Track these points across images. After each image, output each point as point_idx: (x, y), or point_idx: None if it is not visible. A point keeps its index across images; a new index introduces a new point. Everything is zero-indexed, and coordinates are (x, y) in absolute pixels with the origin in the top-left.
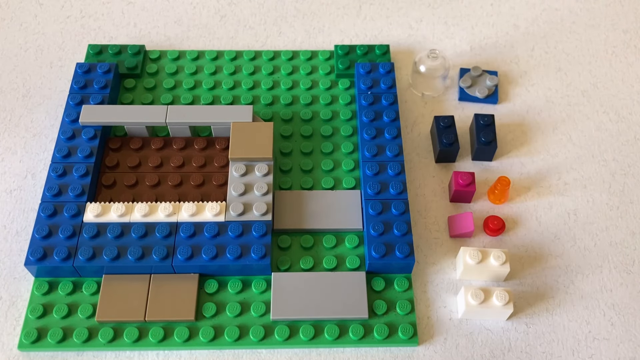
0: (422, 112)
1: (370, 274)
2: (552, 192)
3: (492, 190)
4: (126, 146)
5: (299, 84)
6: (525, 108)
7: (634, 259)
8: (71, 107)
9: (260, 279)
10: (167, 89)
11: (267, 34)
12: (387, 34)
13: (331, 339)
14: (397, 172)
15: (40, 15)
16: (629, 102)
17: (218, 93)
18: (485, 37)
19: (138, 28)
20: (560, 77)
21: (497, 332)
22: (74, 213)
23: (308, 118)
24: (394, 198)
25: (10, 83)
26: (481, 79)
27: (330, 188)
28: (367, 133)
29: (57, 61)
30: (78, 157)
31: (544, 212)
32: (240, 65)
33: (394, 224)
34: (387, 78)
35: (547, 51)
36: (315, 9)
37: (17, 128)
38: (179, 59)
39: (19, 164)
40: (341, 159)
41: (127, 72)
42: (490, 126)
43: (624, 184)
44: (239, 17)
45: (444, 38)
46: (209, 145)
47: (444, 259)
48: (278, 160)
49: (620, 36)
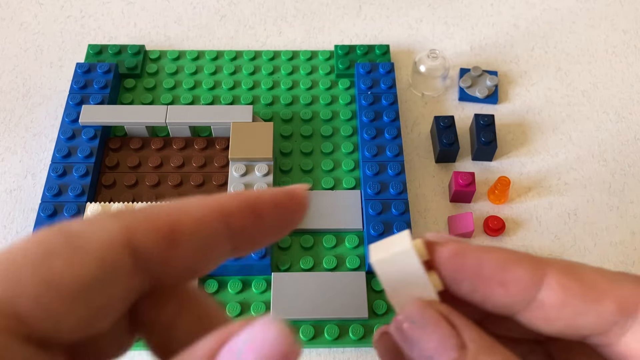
0: (422, 112)
1: (370, 274)
2: (552, 192)
3: (492, 191)
4: (126, 146)
5: (299, 84)
6: (525, 108)
7: (634, 259)
8: (71, 107)
9: (260, 279)
10: (167, 89)
11: (267, 34)
12: (387, 34)
13: (331, 339)
14: (397, 172)
15: (40, 15)
16: (629, 102)
17: (218, 93)
18: (485, 37)
19: (138, 28)
20: (560, 77)
21: None
22: (74, 213)
23: (308, 118)
24: (394, 198)
25: (10, 83)
26: (481, 79)
27: (330, 188)
28: (367, 133)
29: (57, 61)
30: (78, 157)
31: (544, 212)
32: (240, 65)
33: (394, 224)
34: (387, 78)
35: (547, 51)
36: (315, 9)
37: (17, 128)
38: (179, 59)
39: (18, 164)
40: (341, 159)
41: (127, 72)
42: (490, 126)
43: (624, 184)
44: (239, 17)
45: (444, 38)
46: (209, 145)
47: None
48: (278, 160)
49: (620, 36)
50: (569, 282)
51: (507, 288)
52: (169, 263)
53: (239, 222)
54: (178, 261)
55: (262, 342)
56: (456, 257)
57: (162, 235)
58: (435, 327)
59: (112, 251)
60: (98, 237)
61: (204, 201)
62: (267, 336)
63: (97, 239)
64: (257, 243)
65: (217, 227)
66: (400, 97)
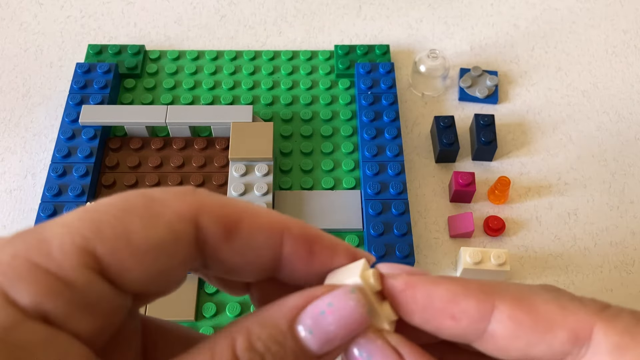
0: (422, 112)
1: None
2: (552, 192)
3: (492, 191)
4: (126, 146)
5: (299, 84)
6: (525, 108)
7: (634, 259)
8: (71, 107)
9: None
10: (167, 89)
11: (267, 34)
12: (387, 34)
13: None
14: (397, 172)
15: (40, 15)
16: (629, 102)
17: (218, 93)
18: (486, 37)
19: (138, 28)
20: (560, 77)
21: None
22: None
23: (308, 118)
24: (394, 198)
25: (10, 83)
26: (481, 79)
27: (330, 188)
28: (367, 133)
29: (57, 61)
30: (78, 157)
31: (544, 212)
32: (240, 65)
33: (394, 224)
34: (387, 78)
35: (547, 51)
36: (315, 9)
37: (17, 128)
38: (178, 59)
39: (18, 163)
40: (341, 159)
41: (127, 72)
42: (490, 126)
43: (624, 184)
44: (239, 17)
45: (444, 38)
46: (208, 145)
47: (444, 259)
48: (278, 160)
49: (620, 36)
50: (518, 314)
51: (457, 321)
52: (221, 253)
53: (293, 245)
54: (229, 254)
55: (342, 308)
56: (407, 290)
57: (225, 224)
58: (381, 357)
59: (181, 222)
60: (172, 206)
61: (272, 213)
62: (346, 304)
63: (171, 208)
64: (301, 274)
65: (273, 239)
66: (400, 97)
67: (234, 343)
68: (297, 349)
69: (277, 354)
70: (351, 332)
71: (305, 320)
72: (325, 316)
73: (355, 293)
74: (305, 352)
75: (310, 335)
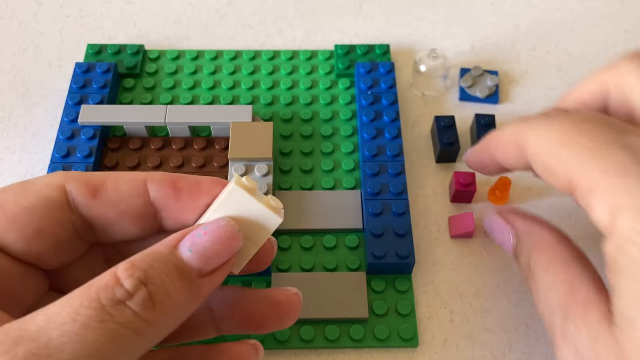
0: (422, 112)
1: (370, 274)
2: (553, 193)
3: (493, 191)
4: (125, 146)
5: (299, 84)
6: (526, 108)
7: None
8: (70, 106)
9: (260, 279)
10: (166, 88)
11: (267, 34)
12: (387, 34)
13: (331, 339)
14: (397, 172)
15: (39, 15)
16: None
17: (217, 93)
18: (486, 37)
19: (137, 27)
20: (561, 77)
21: (497, 333)
22: None
23: (308, 118)
24: (394, 198)
25: (9, 82)
26: (482, 79)
27: (330, 188)
28: (367, 133)
29: (56, 61)
30: (77, 157)
31: (544, 212)
32: (240, 65)
33: (394, 224)
34: (387, 78)
35: (548, 51)
36: (315, 8)
37: (15, 128)
38: (178, 59)
39: (17, 164)
40: (341, 159)
41: (126, 71)
42: (491, 126)
43: None
44: (238, 17)
45: (444, 37)
46: (208, 145)
47: (445, 259)
48: (278, 160)
49: (621, 35)
50: None
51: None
52: (93, 209)
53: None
54: (102, 208)
55: (215, 228)
56: None
57: (89, 185)
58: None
59: (50, 189)
60: (42, 180)
61: (134, 172)
62: (218, 224)
63: (42, 181)
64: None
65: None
66: (401, 97)
67: (115, 270)
68: (180, 265)
69: (159, 270)
70: (226, 247)
71: (184, 243)
72: (202, 237)
73: (225, 219)
74: (188, 268)
75: (190, 252)
